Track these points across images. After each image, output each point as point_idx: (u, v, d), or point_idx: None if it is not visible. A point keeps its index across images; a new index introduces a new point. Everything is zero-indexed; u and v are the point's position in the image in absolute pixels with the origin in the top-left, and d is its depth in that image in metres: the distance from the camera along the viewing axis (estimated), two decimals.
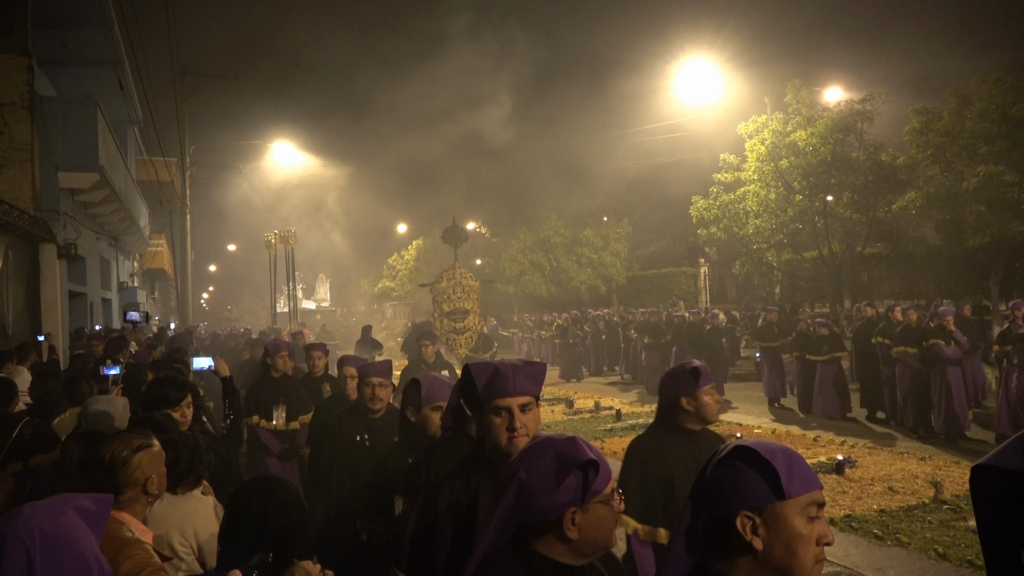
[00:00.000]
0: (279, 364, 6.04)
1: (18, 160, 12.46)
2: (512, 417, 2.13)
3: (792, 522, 1.39)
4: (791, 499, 1.39)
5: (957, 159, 18.68)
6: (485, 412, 2.17)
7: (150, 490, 2.26)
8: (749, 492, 1.41)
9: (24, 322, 11.92)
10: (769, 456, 1.42)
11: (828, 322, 11.93)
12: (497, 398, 2.14)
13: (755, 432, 9.98)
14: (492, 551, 1.67)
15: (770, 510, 1.39)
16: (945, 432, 9.34)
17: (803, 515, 1.40)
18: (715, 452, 1.52)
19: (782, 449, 1.45)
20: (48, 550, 1.36)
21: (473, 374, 2.18)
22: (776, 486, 1.39)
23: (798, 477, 1.41)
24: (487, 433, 2.18)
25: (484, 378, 2.16)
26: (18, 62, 12.59)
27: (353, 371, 4.72)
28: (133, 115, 21.61)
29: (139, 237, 22.84)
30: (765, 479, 1.41)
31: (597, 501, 1.61)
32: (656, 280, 34.63)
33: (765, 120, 21.16)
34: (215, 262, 67.81)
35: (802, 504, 1.40)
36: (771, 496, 1.40)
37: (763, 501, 1.40)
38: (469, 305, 10.53)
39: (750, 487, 1.41)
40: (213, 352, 10.46)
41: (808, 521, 1.40)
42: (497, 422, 2.14)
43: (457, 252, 10.59)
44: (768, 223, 20.80)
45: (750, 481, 1.41)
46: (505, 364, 2.19)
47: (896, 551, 5.42)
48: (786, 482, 1.39)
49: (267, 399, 5.87)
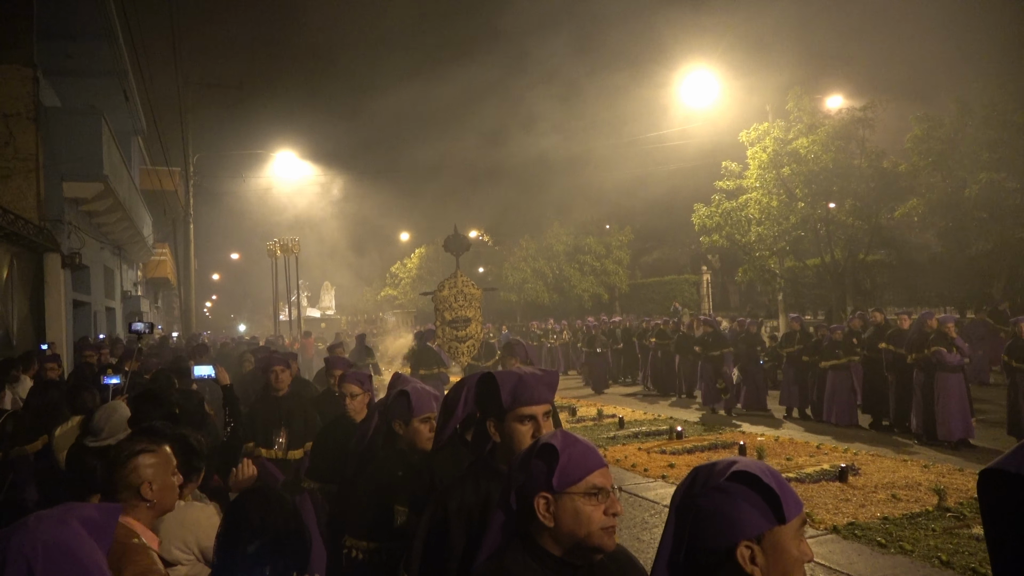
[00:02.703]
0: (275, 381, 5.26)
1: (23, 170, 12.54)
2: (538, 425, 2.19)
3: (789, 547, 1.36)
4: (788, 524, 1.36)
5: (959, 166, 18.68)
6: (508, 420, 2.20)
7: (144, 494, 2.24)
8: (749, 520, 1.35)
9: (28, 331, 11.95)
10: (769, 480, 1.37)
11: (843, 327, 11.93)
12: (522, 406, 2.19)
13: (758, 439, 9.96)
14: (499, 544, 1.69)
15: (769, 538, 1.35)
16: (948, 439, 9.31)
17: (796, 538, 1.37)
18: (692, 478, 1.45)
19: (768, 469, 1.41)
20: (50, 562, 1.37)
21: (499, 383, 2.21)
22: (777, 511, 1.35)
23: (791, 499, 1.37)
24: (509, 440, 2.20)
25: (509, 387, 2.20)
26: (23, 73, 12.69)
27: (356, 388, 4.30)
28: (137, 125, 21.76)
29: (143, 246, 22.91)
30: (764, 505, 1.36)
31: (573, 492, 1.61)
32: (658, 288, 34.63)
33: (767, 128, 21.19)
34: (218, 271, 68.00)
35: (795, 527, 1.37)
36: (771, 522, 1.35)
37: (763, 528, 1.35)
38: (471, 313, 10.54)
39: (749, 515, 1.35)
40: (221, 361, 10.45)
41: (799, 543, 1.37)
42: (523, 430, 2.19)
43: (459, 260, 10.60)
44: (770, 230, 20.80)
45: (749, 508, 1.36)
46: (528, 373, 2.24)
47: (899, 559, 5.40)
48: (785, 506, 1.35)
49: (266, 422, 5.11)
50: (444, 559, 2.18)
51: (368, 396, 4.33)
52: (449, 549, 2.17)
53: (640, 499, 7.33)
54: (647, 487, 7.79)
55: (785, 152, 20.30)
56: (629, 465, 8.75)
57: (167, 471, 2.35)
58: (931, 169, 19.07)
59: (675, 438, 10.30)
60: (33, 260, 12.44)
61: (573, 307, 34.08)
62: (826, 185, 20.19)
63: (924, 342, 9.68)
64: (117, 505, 1.54)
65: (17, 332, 11.32)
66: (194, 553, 2.70)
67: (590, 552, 1.63)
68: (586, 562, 1.66)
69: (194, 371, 5.57)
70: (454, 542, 2.16)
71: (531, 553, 1.65)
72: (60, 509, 1.48)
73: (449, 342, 10.57)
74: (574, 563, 1.65)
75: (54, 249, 12.89)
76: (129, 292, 23.34)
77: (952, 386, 9.39)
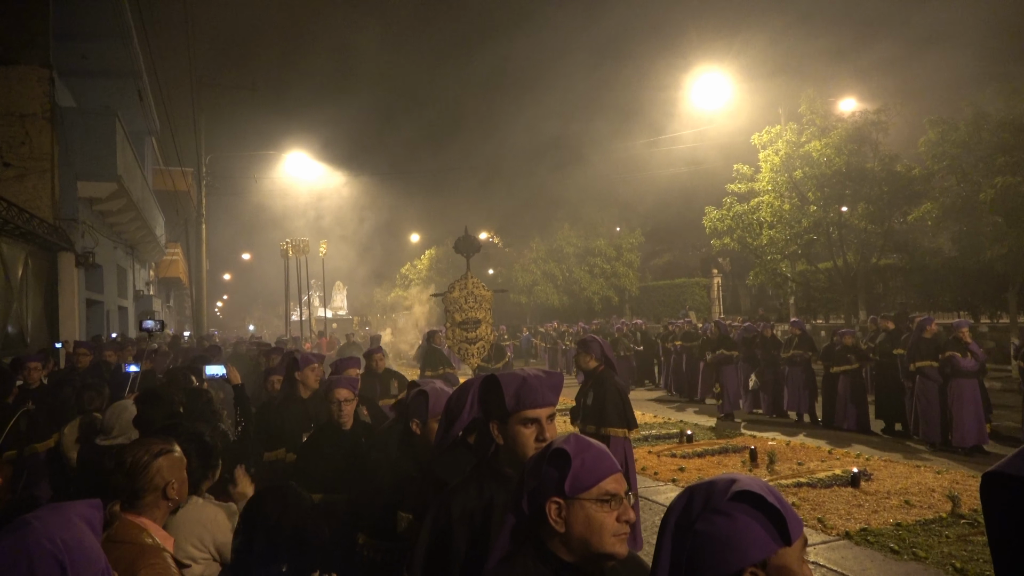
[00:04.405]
0: (311, 380, 4.96)
1: (38, 170, 12.66)
2: (542, 428, 2.15)
3: (794, 570, 1.28)
4: (792, 545, 1.28)
5: (974, 170, 18.52)
6: (512, 423, 2.17)
7: (170, 495, 2.26)
8: (754, 544, 1.27)
9: (42, 329, 12.05)
10: (772, 500, 1.29)
11: (854, 331, 11.85)
12: (526, 409, 2.15)
13: (769, 444, 9.90)
14: (509, 549, 1.68)
15: (774, 562, 1.27)
16: (962, 445, 9.23)
17: (800, 560, 1.30)
18: (688, 499, 1.36)
19: (768, 487, 1.33)
20: (74, 555, 1.36)
21: (502, 385, 2.18)
22: (783, 532, 1.28)
23: (794, 518, 1.30)
24: (513, 443, 2.17)
25: (512, 389, 2.17)
26: (39, 74, 12.81)
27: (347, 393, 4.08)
28: (151, 125, 21.92)
29: (155, 246, 23.07)
30: (769, 526, 1.28)
31: (585, 498, 1.59)
32: (669, 291, 34.52)
33: (779, 131, 21.10)
34: (229, 271, 68.38)
35: (799, 549, 1.30)
36: (777, 545, 1.27)
37: (768, 552, 1.27)
38: (481, 315, 10.53)
39: (754, 538, 1.27)
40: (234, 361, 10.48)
41: (802, 565, 1.30)
42: (526, 433, 2.15)
43: (469, 262, 10.59)
44: (782, 234, 20.70)
45: (753, 531, 1.28)
46: (532, 375, 2.20)
47: (913, 566, 5.34)
48: (790, 526, 1.28)
49: (293, 426, 4.72)
50: (447, 564, 2.16)
51: (357, 402, 4.19)
52: (452, 553, 2.15)
53: (650, 503, 7.30)
54: (657, 491, 7.76)
55: (798, 155, 20.21)
56: (639, 468, 8.72)
57: (183, 469, 2.38)
58: (945, 173, 18.92)
59: (685, 442, 10.26)
60: (47, 259, 12.55)
61: (583, 309, 34.03)
62: (839, 189, 20.08)
63: (935, 347, 9.61)
64: (97, 500, 1.51)
65: (31, 330, 11.41)
66: (209, 551, 2.70)
67: (602, 558, 1.61)
68: (597, 568, 1.64)
69: (205, 370, 5.59)
70: (457, 546, 2.15)
71: (541, 558, 1.63)
72: (52, 508, 1.44)
73: (459, 344, 10.56)
74: (585, 569, 1.63)
75: (68, 248, 13.00)
76: (141, 291, 23.51)
77: (966, 392, 9.32)
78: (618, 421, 5.45)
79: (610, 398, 5.44)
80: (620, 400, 5.49)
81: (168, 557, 2.10)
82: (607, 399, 5.44)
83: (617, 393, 5.49)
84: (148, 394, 4.12)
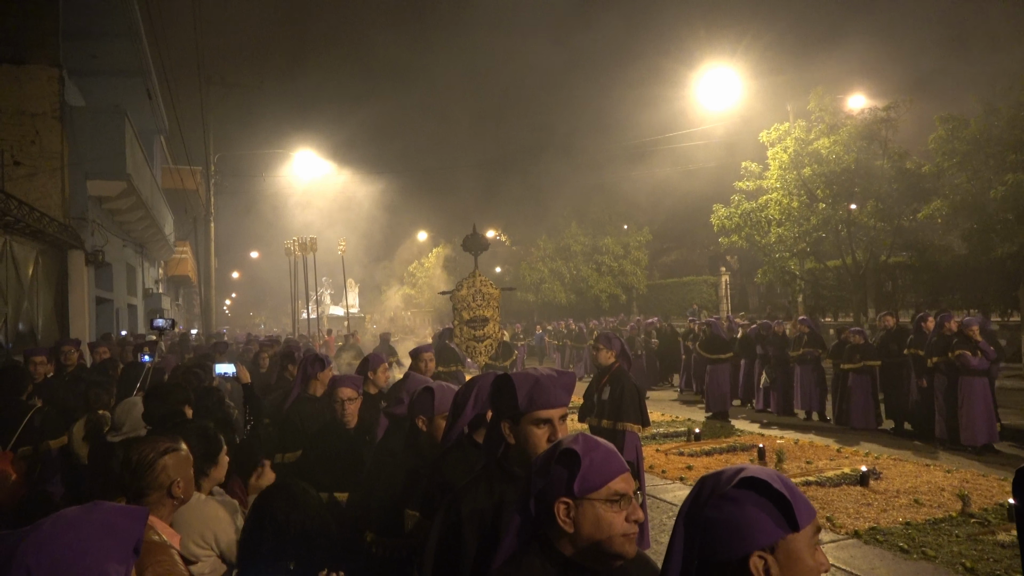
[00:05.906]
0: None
1: (48, 168, 12.74)
2: (554, 428, 2.15)
3: (804, 556, 1.29)
4: (801, 531, 1.30)
5: (984, 167, 18.36)
6: (524, 423, 2.16)
7: (176, 493, 2.27)
8: (761, 529, 1.29)
9: (52, 327, 12.13)
10: (779, 486, 1.31)
11: (863, 330, 11.81)
12: (539, 409, 2.14)
13: (778, 442, 9.87)
14: (516, 549, 1.68)
15: (783, 546, 1.29)
16: (972, 444, 9.18)
17: (811, 546, 1.31)
18: (699, 488, 1.38)
19: (778, 475, 1.35)
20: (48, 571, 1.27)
21: (515, 384, 2.17)
22: (790, 518, 1.29)
23: (803, 505, 1.31)
24: (524, 443, 2.16)
25: (525, 389, 2.15)
26: (49, 73, 12.89)
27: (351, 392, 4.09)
28: (160, 124, 22.01)
29: (164, 244, 23.17)
30: (776, 512, 1.30)
31: (594, 498, 1.59)
32: (677, 289, 34.43)
33: (788, 128, 20.99)
34: (238, 269, 68.60)
35: (809, 535, 1.31)
36: (784, 530, 1.29)
37: (776, 537, 1.29)
38: (489, 313, 10.52)
39: (761, 523, 1.29)
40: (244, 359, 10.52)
41: (814, 551, 1.31)
42: (538, 433, 2.14)
43: (477, 260, 10.59)
44: (790, 231, 20.61)
45: (760, 516, 1.29)
46: (545, 375, 2.19)
47: (922, 565, 5.32)
48: (798, 512, 1.29)
49: (311, 427, 4.47)
50: (457, 563, 2.16)
51: (361, 401, 4.21)
52: (462, 553, 2.15)
53: (658, 501, 7.29)
54: (665, 489, 7.75)
55: (806, 152, 20.09)
56: (647, 467, 8.70)
57: (189, 466, 2.39)
58: (955, 170, 18.76)
59: (693, 440, 10.24)
60: (57, 257, 12.63)
61: (590, 307, 33.99)
62: (848, 186, 19.96)
63: (946, 345, 9.54)
64: (144, 509, 1.44)
65: (42, 328, 11.49)
66: (212, 548, 2.70)
67: (610, 558, 1.61)
68: (606, 568, 1.64)
69: (215, 369, 5.61)
70: (467, 546, 2.15)
71: (550, 558, 1.63)
72: (82, 510, 1.37)
73: (467, 342, 10.55)
74: (593, 568, 1.63)
75: (78, 246, 13.08)
76: (151, 289, 23.62)
77: (976, 390, 9.26)
78: (635, 417, 5.50)
79: (627, 394, 5.50)
80: (637, 396, 5.57)
81: (175, 554, 2.11)
82: (624, 394, 5.50)
83: (635, 389, 5.57)
84: (153, 391, 4.15)
